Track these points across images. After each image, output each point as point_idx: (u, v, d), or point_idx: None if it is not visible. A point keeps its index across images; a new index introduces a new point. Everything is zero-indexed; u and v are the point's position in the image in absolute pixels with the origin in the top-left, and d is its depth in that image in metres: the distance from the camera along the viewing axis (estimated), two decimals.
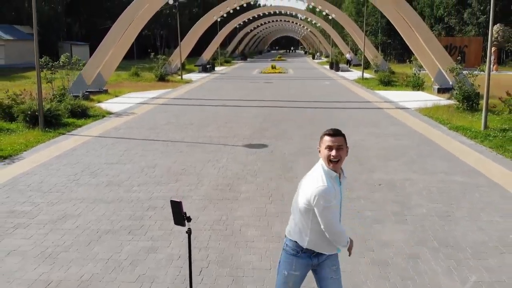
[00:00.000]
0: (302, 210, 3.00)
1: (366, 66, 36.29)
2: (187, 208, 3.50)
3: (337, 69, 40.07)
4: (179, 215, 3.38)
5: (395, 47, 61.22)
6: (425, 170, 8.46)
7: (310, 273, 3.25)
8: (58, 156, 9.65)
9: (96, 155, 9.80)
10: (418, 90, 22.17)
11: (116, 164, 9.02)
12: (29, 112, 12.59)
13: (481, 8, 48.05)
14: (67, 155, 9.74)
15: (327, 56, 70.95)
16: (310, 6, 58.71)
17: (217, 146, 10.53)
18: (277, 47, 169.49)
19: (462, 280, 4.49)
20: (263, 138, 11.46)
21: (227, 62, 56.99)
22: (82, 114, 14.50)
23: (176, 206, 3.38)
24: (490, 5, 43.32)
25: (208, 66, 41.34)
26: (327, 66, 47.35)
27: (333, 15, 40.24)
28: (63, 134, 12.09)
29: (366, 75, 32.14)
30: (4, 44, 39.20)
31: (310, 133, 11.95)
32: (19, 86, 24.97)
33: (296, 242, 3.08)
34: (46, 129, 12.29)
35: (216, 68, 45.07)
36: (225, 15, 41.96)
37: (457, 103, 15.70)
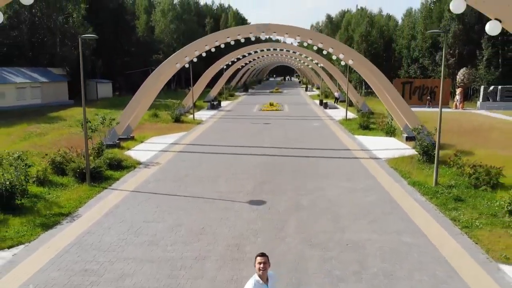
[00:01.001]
0: None
1: (350, 103, 38.30)
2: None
3: (325, 107, 42.04)
4: None
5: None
6: (383, 230, 10.22)
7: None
8: (107, 214, 11.43)
9: (135, 212, 11.58)
10: (391, 136, 24.01)
11: (152, 222, 10.79)
12: (78, 170, 14.42)
13: (451, 51, 50.27)
14: (113, 213, 11.52)
15: (318, 88, 73.22)
16: (305, 44, 60.96)
17: (227, 203, 12.30)
18: (274, 75, 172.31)
19: None
20: (262, 193, 13.25)
21: (231, 96, 59.17)
22: (117, 166, 16.31)
23: None
24: (458, 50, 44.87)
25: (215, 103, 43.34)
26: (317, 101, 49.30)
27: (321, 65, 42.48)
28: (106, 188, 13.88)
29: (350, 114, 34.12)
30: (40, 86, 41.23)
31: (299, 187, 13.74)
32: (57, 130, 26.92)
33: None
34: (92, 183, 14.11)
35: (222, 103, 47.10)
36: (230, 63, 44.44)
37: (419, 155, 17.53)
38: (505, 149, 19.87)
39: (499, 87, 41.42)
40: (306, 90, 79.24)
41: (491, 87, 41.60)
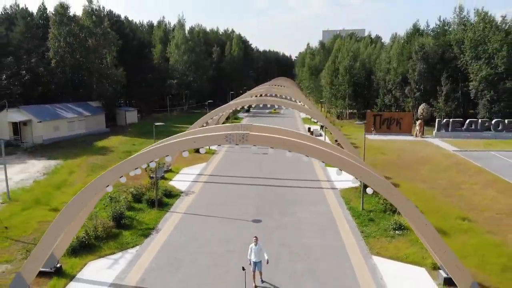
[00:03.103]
0: None
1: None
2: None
3: (311, 134, 50.94)
4: None
5: (358, 109, 72.36)
6: (321, 237, 19.04)
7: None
8: (175, 227, 20.26)
9: (190, 226, 20.42)
10: None
11: (201, 231, 19.62)
12: (150, 199, 23.32)
13: (417, 86, 59.16)
14: (178, 227, 20.37)
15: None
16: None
17: (239, 223, 21.15)
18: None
19: None
20: (259, 215, 22.10)
21: (236, 119, 68.20)
22: (169, 195, 25.20)
23: None
24: (422, 85, 54.84)
25: None
26: (307, 125, 58.14)
27: (306, 106, 51.26)
28: (168, 211, 22.77)
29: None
30: (85, 119, 50.23)
31: (284, 212, 22.61)
32: (112, 162, 35.67)
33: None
34: (159, 208, 22.99)
35: None
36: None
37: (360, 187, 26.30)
38: (425, 183, 28.71)
39: (450, 120, 50.39)
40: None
41: (444, 120, 50.56)
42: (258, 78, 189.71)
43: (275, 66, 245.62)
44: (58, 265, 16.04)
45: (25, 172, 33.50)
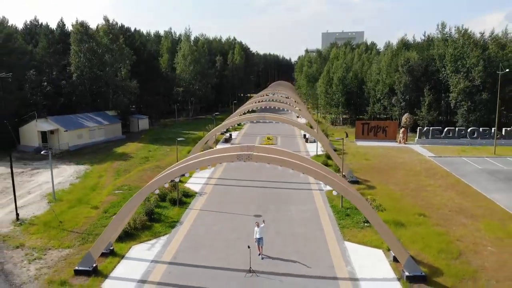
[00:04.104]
0: None
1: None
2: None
3: (306, 141, 56.63)
4: None
5: (351, 115, 78.05)
6: (307, 227, 24.68)
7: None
8: (195, 221, 25.93)
9: (206, 220, 26.08)
10: (337, 172, 38.39)
11: (215, 224, 25.27)
12: (172, 199, 28.99)
13: (402, 97, 64.82)
14: (197, 220, 26.04)
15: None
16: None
17: (243, 217, 26.78)
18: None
19: None
20: (259, 211, 27.72)
21: (239, 125, 73.81)
22: (187, 196, 30.86)
23: None
24: (408, 96, 61.72)
25: (227, 138, 57.91)
26: (303, 132, 63.73)
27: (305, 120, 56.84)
28: (187, 208, 28.44)
29: (321, 151, 48.54)
30: (104, 127, 55.95)
31: (279, 208, 28.24)
32: (134, 166, 41.34)
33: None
34: (180, 206, 28.64)
35: (233, 135, 61.70)
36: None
37: None
38: (397, 185, 34.34)
39: (431, 128, 56.02)
40: (297, 117, 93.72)
41: (425, 128, 56.20)
42: (259, 81, 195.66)
43: (275, 69, 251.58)
44: (112, 248, 21.71)
45: (60, 176, 39.14)
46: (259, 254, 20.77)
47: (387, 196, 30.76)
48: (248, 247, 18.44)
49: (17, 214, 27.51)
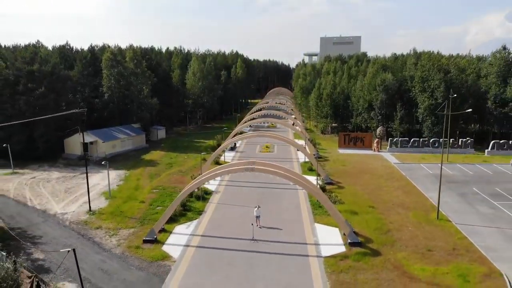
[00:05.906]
0: None
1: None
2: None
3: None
4: None
5: (338, 125, 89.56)
6: (290, 217, 36.15)
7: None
8: (215, 210, 37.44)
9: (224, 209, 37.58)
10: (318, 177, 49.85)
11: (230, 212, 36.77)
12: (197, 195, 40.51)
13: (379, 112, 76.33)
14: (217, 210, 37.56)
15: (303, 122, 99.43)
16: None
17: (248, 208, 38.26)
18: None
19: None
20: (259, 202, 39.15)
21: (241, 133, 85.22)
22: (206, 193, 42.35)
23: None
24: (384, 110, 74.89)
25: (232, 146, 69.37)
26: (297, 141, 75.13)
27: (298, 129, 68.37)
28: (207, 202, 39.96)
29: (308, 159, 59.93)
30: (132, 138, 67.56)
31: (273, 202, 39.72)
32: (162, 171, 52.87)
33: None
34: (202, 200, 40.16)
35: (237, 143, 73.13)
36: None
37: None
38: (361, 186, 45.79)
39: (400, 139, 67.51)
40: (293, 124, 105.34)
41: (395, 139, 67.72)
42: (259, 87, 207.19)
43: (275, 74, 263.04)
44: (163, 227, 33.24)
45: (106, 179, 50.61)
46: (258, 225, 32.27)
47: (350, 193, 42.24)
48: (252, 224, 29.89)
49: (90, 207, 39.01)
